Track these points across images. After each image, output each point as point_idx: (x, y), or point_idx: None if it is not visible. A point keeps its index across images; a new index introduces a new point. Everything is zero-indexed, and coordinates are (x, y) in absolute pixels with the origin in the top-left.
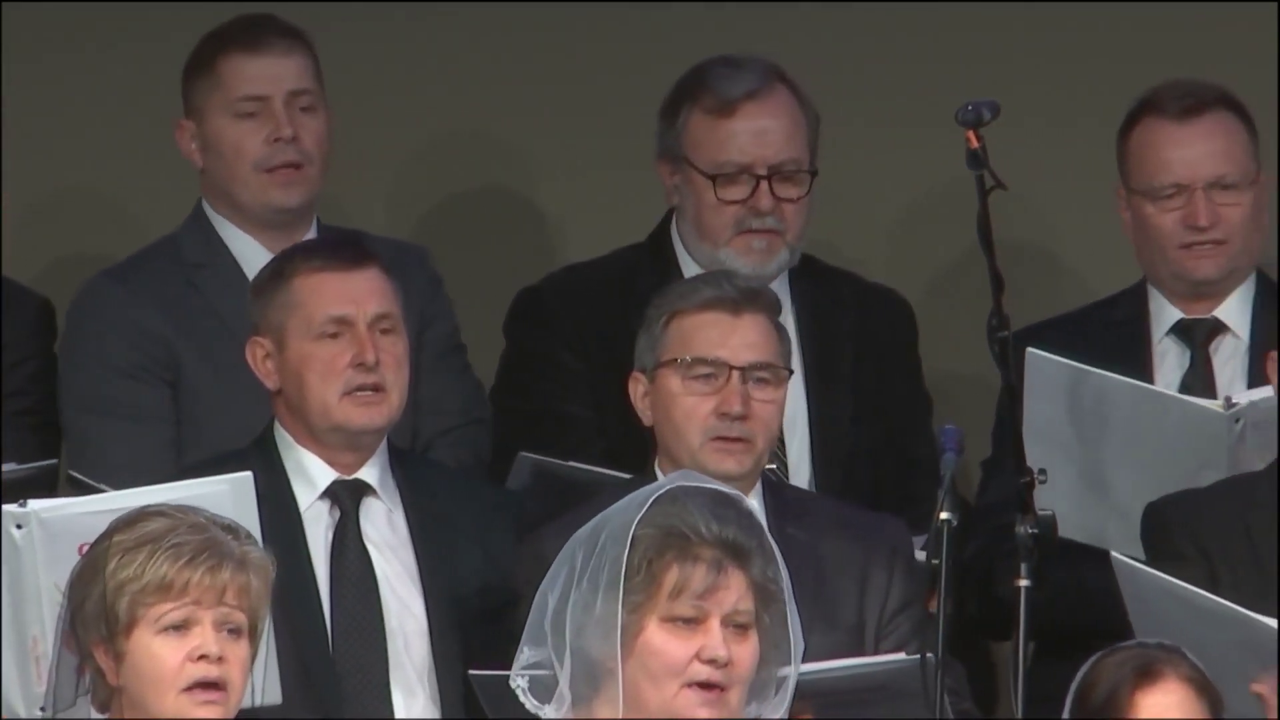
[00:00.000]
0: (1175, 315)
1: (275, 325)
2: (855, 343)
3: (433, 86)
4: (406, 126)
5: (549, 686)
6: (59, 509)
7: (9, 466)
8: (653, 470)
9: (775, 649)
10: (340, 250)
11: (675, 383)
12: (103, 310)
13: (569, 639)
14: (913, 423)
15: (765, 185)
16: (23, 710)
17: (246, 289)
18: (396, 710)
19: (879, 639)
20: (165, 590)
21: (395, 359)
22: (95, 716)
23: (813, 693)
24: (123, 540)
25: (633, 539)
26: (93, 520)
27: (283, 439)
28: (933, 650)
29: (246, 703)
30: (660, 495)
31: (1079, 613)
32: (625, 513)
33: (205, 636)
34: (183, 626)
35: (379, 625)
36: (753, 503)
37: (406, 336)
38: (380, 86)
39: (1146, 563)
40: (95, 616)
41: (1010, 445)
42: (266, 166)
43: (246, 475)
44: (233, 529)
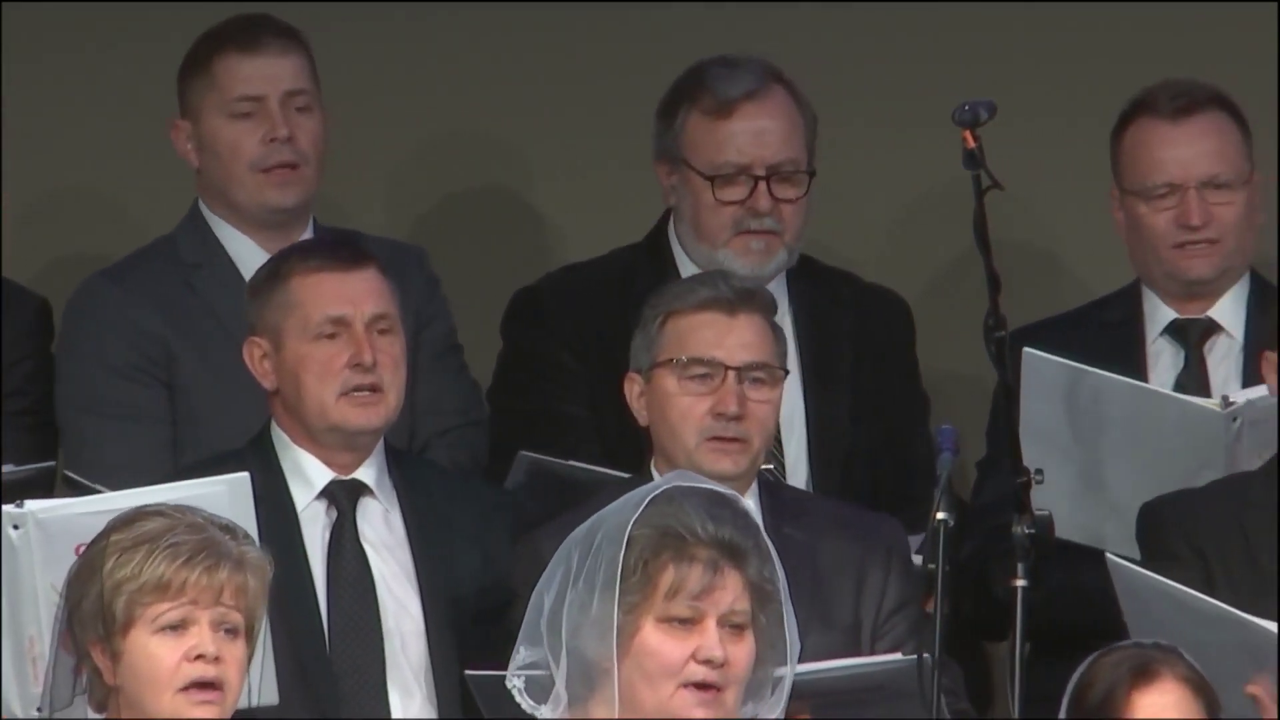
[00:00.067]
0: (1169, 315)
1: (272, 325)
2: (853, 343)
3: (430, 87)
4: (404, 127)
5: (545, 686)
6: (56, 509)
7: (8, 468)
8: (649, 470)
9: (771, 649)
10: (338, 250)
11: (671, 383)
12: (99, 310)
13: (565, 639)
14: (910, 423)
15: (763, 186)
16: (20, 710)
17: (243, 289)
18: (393, 710)
19: (875, 639)
20: (162, 590)
21: (392, 359)
22: (92, 716)
23: (809, 693)
24: (120, 540)
25: (629, 539)
26: (90, 521)
27: (280, 439)
28: (929, 650)
29: (243, 703)
30: (656, 495)
31: (1076, 612)
32: (621, 513)
33: (202, 636)
34: (180, 626)
35: (376, 625)
36: (749, 503)
37: (404, 337)
38: (378, 86)
39: (1142, 563)
40: (92, 616)
41: (1007, 445)
42: (262, 166)
43: (244, 476)
44: (230, 529)
